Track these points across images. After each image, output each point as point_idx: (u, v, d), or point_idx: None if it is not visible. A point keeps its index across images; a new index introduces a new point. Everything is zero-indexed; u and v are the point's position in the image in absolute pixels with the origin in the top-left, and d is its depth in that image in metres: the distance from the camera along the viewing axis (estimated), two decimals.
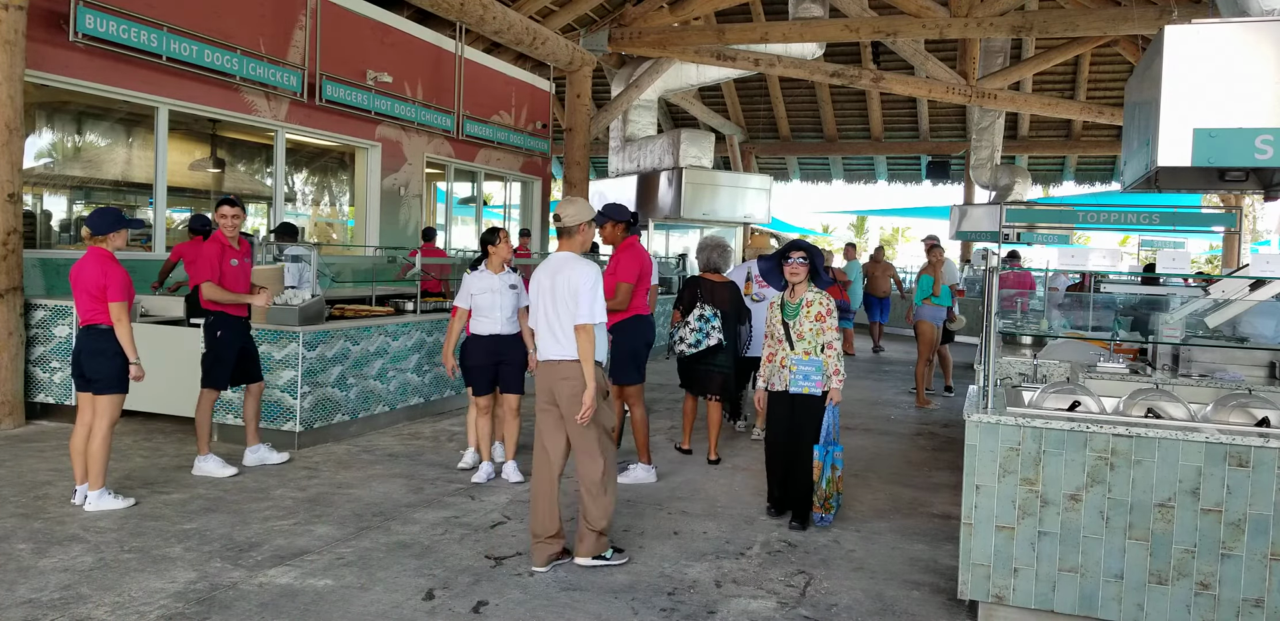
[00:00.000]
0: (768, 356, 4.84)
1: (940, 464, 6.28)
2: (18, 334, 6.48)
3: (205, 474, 5.34)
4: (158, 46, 7.74)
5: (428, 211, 12.49)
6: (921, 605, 3.73)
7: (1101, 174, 20.69)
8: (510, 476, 5.43)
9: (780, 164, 23.07)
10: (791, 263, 4.69)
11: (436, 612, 3.46)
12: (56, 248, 7.85)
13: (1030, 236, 14.88)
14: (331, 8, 9.99)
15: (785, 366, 4.70)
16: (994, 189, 17.18)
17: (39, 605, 3.40)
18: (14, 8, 6.20)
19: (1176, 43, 3.25)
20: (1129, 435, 3.21)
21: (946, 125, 20.13)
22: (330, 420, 6.30)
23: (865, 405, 8.75)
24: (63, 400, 6.64)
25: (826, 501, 4.65)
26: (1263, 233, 26.77)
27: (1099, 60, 16.90)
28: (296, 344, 5.97)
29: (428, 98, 11.61)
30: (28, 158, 6.80)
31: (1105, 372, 4.70)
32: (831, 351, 4.68)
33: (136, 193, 8.68)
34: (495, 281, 5.32)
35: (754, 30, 13.04)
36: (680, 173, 15.05)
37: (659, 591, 3.76)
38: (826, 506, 4.66)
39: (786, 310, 4.75)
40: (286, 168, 10.12)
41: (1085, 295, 6.47)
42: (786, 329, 4.70)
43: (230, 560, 3.94)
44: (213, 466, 5.37)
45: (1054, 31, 11.84)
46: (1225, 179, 3.95)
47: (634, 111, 16.39)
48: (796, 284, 4.73)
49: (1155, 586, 3.20)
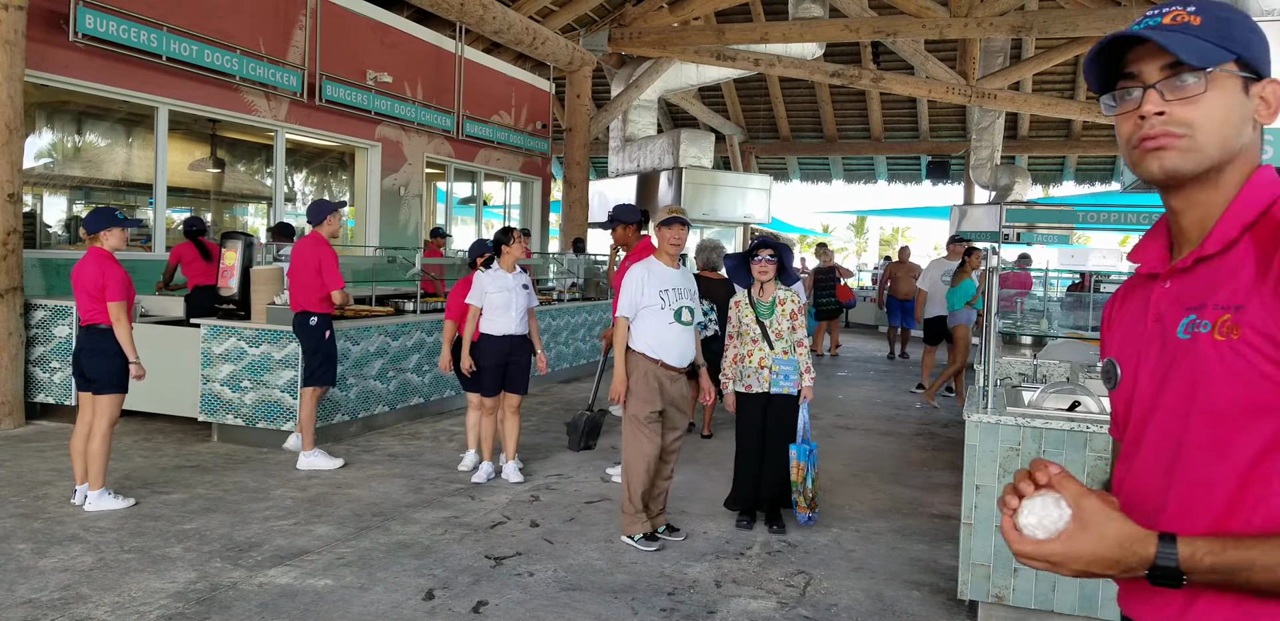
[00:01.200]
0: (735, 357, 4.68)
1: (940, 464, 6.28)
2: (18, 334, 6.48)
3: (312, 467, 5.54)
4: (157, 46, 7.74)
5: (428, 211, 12.48)
6: (921, 605, 3.73)
7: (1101, 174, 20.69)
8: (510, 476, 5.43)
9: (780, 164, 23.06)
10: (759, 260, 4.61)
11: (436, 612, 3.46)
12: (56, 248, 7.86)
13: (1030, 236, 14.91)
14: (331, 8, 9.99)
15: (765, 367, 4.59)
16: (994, 189, 17.18)
17: (39, 605, 3.40)
18: (14, 8, 6.20)
19: None
20: None
21: (946, 125, 20.13)
22: (330, 420, 6.30)
23: (865, 405, 8.75)
24: (63, 400, 6.64)
25: (813, 500, 4.63)
26: None
27: None
28: (296, 344, 5.96)
29: (428, 98, 11.61)
30: (28, 158, 6.80)
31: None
32: (803, 349, 4.65)
33: (136, 193, 8.69)
34: (509, 280, 5.33)
35: (754, 30, 13.04)
36: (680, 173, 15.05)
37: (659, 591, 3.76)
38: (813, 505, 4.64)
39: (760, 309, 4.64)
40: (286, 168, 10.12)
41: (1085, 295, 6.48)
42: (764, 328, 4.60)
43: (230, 560, 3.94)
44: (320, 460, 5.59)
45: (1054, 31, 11.83)
46: None
47: (634, 111, 16.39)
48: (765, 282, 4.65)
49: None
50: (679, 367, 4.32)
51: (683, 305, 4.32)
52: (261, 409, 6.07)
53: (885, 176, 22.67)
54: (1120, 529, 0.97)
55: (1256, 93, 1.11)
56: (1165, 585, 0.97)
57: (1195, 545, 0.95)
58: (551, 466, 5.88)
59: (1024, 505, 1.02)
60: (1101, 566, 0.98)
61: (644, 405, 4.26)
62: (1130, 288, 1.29)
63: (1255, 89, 1.11)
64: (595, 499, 5.14)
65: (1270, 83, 1.11)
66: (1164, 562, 0.96)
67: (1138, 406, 1.16)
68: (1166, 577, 0.96)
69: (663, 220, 4.38)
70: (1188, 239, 1.15)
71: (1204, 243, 1.10)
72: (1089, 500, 0.99)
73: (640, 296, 4.26)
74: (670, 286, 4.30)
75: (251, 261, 6.36)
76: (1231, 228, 1.08)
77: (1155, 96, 1.09)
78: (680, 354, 4.31)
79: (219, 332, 6.18)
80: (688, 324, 4.33)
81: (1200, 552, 0.95)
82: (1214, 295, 1.05)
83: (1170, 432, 1.09)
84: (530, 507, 4.92)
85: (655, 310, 4.25)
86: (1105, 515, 0.98)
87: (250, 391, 6.09)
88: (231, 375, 6.13)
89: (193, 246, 7.60)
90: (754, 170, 21.53)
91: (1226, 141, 1.08)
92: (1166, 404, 1.09)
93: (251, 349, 6.09)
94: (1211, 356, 1.03)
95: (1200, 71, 1.07)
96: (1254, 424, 1.01)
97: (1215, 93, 1.08)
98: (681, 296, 4.33)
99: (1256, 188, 1.10)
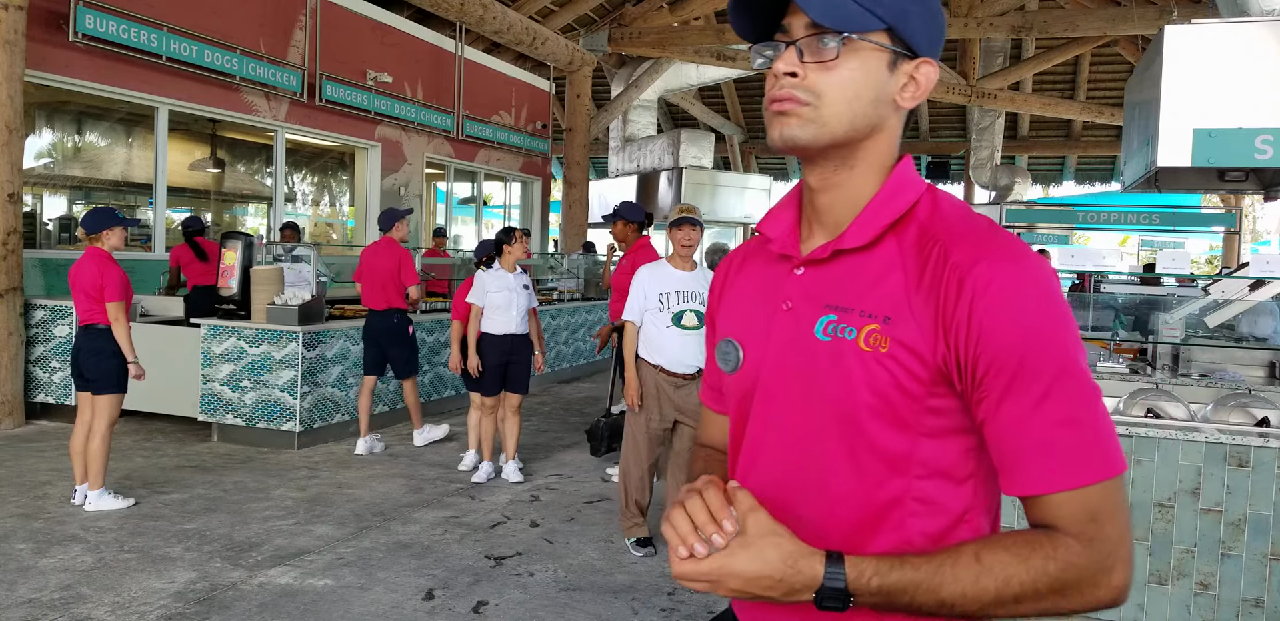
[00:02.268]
0: None
1: None
2: (18, 334, 6.48)
3: (430, 440, 6.42)
4: (157, 46, 7.74)
5: (428, 211, 12.49)
6: None
7: (1101, 174, 20.70)
8: (510, 476, 5.43)
9: (780, 164, 23.07)
10: None
11: (436, 612, 3.46)
12: (56, 248, 7.86)
13: (1030, 236, 14.90)
14: (331, 8, 9.99)
15: None
16: (994, 189, 17.19)
17: (39, 605, 3.40)
18: (14, 8, 6.20)
19: (1176, 43, 3.25)
20: (1129, 435, 3.21)
21: (946, 125, 20.14)
22: (330, 420, 6.30)
23: None
24: (63, 400, 6.64)
25: None
26: (1263, 233, 26.78)
27: (1099, 60, 16.90)
28: (296, 344, 5.97)
29: (428, 98, 11.61)
30: (28, 158, 6.80)
31: (1105, 372, 4.70)
32: None
33: (136, 193, 8.69)
34: (510, 280, 5.33)
35: None
36: (680, 173, 15.06)
37: (659, 591, 3.76)
38: None
39: None
40: (286, 168, 10.12)
41: (1085, 295, 6.46)
42: None
43: (230, 560, 3.94)
44: (435, 432, 6.46)
45: (1054, 31, 11.84)
46: (1225, 179, 3.95)
47: (634, 111, 16.39)
48: None
49: (1155, 586, 3.20)
50: (680, 373, 4.20)
51: (687, 308, 4.18)
52: (261, 409, 6.07)
53: None
54: (785, 546, 0.89)
55: (907, 71, 0.99)
56: (831, 608, 0.90)
57: (863, 566, 0.89)
58: (551, 466, 5.88)
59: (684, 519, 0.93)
60: (762, 586, 0.90)
61: (647, 415, 4.22)
62: (750, 255, 1.16)
63: (906, 67, 0.99)
64: (595, 499, 5.14)
65: (925, 63, 0.99)
66: (832, 583, 0.88)
67: (763, 399, 1.05)
68: (834, 599, 0.89)
69: (672, 220, 4.23)
70: (821, 221, 1.05)
71: (844, 235, 1.00)
72: (756, 515, 0.91)
73: (642, 299, 4.22)
74: (674, 289, 4.19)
75: (251, 261, 6.36)
76: (874, 224, 0.99)
77: (792, 56, 0.97)
78: (676, 358, 4.19)
79: (219, 332, 6.17)
80: (690, 328, 4.18)
81: (868, 574, 0.88)
82: (860, 300, 0.97)
83: (804, 436, 1.01)
84: (530, 507, 4.92)
85: (654, 314, 4.20)
86: (771, 530, 0.90)
87: (250, 391, 6.09)
88: (231, 375, 6.13)
89: (189, 248, 7.58)
90: (754, 170, 21.54)
91: (855, 118, 0.97)
92: (800, 405, 1.01)
93: (251, 349, 6.08)
94: (855, 366, 0.95)
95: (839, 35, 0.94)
96: (893, 437, 0.96)
97: (852, 62, 0.96)
98: (687, 299, 4.18)
99: (900, 184, 1.01)
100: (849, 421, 0.97)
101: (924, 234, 0.98)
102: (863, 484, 0.98)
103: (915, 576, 0.88)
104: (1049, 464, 0.90)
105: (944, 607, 0.89)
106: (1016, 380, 0.90)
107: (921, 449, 0.97)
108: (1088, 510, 0.90)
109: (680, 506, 0.93)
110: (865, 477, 0.98)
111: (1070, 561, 0.89)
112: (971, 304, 0.91)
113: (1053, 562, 0.89)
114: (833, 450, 0.99)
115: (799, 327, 1.01)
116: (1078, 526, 0.90)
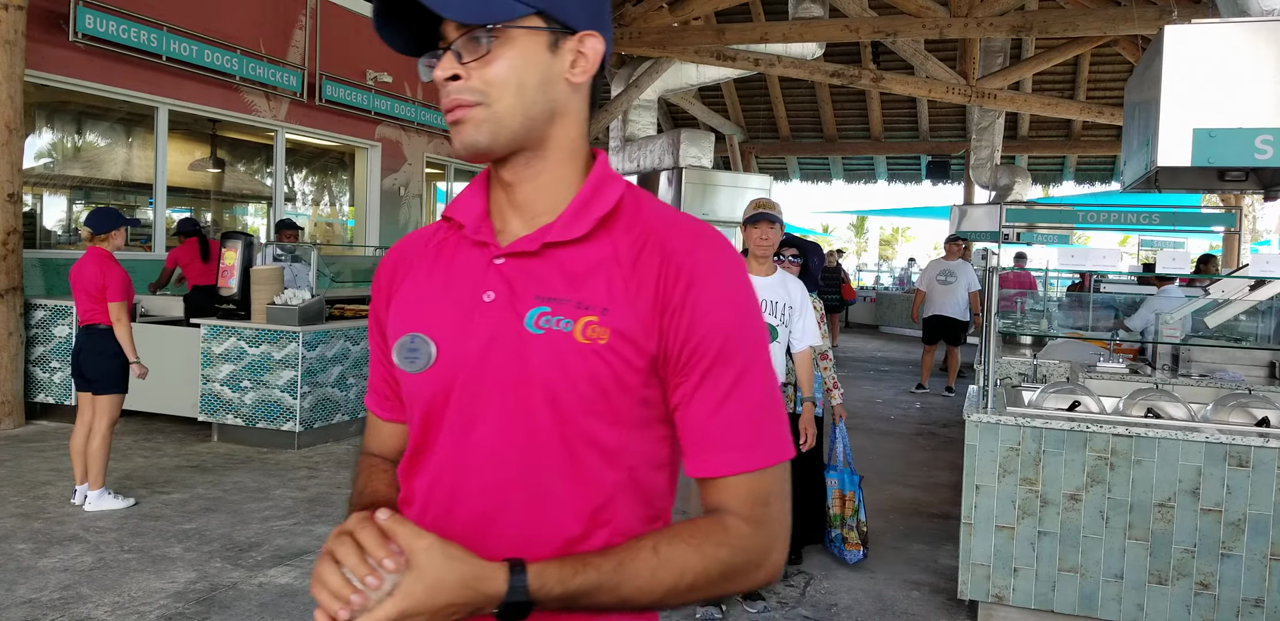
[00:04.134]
0: None
1: (940, 464, 6.28)
2: (18, 334, 6.48)
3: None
4: (157, 46, 7.74)
5: (428, 211, 12.49)
6: (921, 605, 3.73)
7: (1101, 174, 20.68)
8: None
9: (780, 164, 23.06)
10: (781, 261, 4.00)
11: None
12: (56, 247, 7.86)
13: (1030, 236, 14.89)
14: (331, 8, 9.99)
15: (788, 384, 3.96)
16: (994, 189, 17.18)
17: (39, 605, 3.40)
18: (14, 8, 6.20)
19: (1176, 43, 3.25)
20: (1129, 435, 3.22)
21: (946, 125, 20.13)
22: (330, 420, 6.30)
23: (865, 405, 8.75)
24: (63, 400, 6.64)
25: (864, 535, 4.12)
26: (1263, 232, 26.79)
27: (1099, 60, 16.90)
28: (296, 344, 5.97)
29: (428, 98, 11.61)
30: (28, 158, 6.80)
31: (1105, 372, 4.70)
32: (827, 362, 4.14)
33: (136, 193, 8.68)
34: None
35: (754, 30, 13.04)
36: (680, 173, 15.06)
37: None
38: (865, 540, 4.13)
39: None
40: (286, 167, 10.13)
41: (1085, 295, 6.47)
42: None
43: (230, 560, 3.94)
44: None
45: (1054, 31, 11.84)
46: (1225, 179, 3.94)
47: (634, 111, 16.39)
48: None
49: (1155, 586, 3.20)
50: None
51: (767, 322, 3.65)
52: (261, 409, 6.07)
53: (885, 176, 22.67)
54: (463, 570, 0.83)
55: (571, 48, 0.96)
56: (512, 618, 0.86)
57: (545, 575, 0.85)
58: None
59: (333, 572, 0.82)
60: (448, 614, 0.83)
61: None
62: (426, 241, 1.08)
63: (570, 44, 0.96)
64: None
65: (588, 36, 0.96)
66: (514, 598, 0.84)
67: (464, 398, 0.97)
68: (515, 611, 0.85)
69: (748, 218, 3.70)
70: (520, 212, 1.01)
71: (552, 227, 0.97)
72: (422, 542, 0.82)
73: None
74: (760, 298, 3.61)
75: (251, 261, 6.36)
76: (585, 217, 0.97)
77: (450, 60, 0.94)
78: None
79: (219, 332, 6.17)
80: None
81: (550, 582, 0.85)
82: (575, 291, 0.94)
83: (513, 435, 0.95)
84: None
85: None
86: (445, 555, 0.83)
87: (250, 391, 6.09)
88: (231, 375, 6.13)
89: (190, 247, 7.58)
90: (754, 170, 21.53)
91: (527, 107, 0.95)
92: (510, 402, 0.95)
93: (251, 349, 6.09)
94: (573, 358, 0.92)
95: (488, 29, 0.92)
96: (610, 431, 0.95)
97: (509, 52, 0.93)
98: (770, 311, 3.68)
99: (603, 178, 1.00)
100: (565, 416, 0.94)
101: (634, 226, 0.98)
102: (579, 479, 0.95)
103: (597, 577, 0.87)
104: (736, 446, 0.93)
105: (624, 603, 0.90)
106: (716, 364, 0.93)
107: (635, 440, 0.97)
108: (761, 492, 0.94)
109: (328, 557, 0.83)
110: (582, 473, 0.95)
111: (741, 546, 0.92)
112: (688, 288, 0.93)
113: (724, 548, 0.91)
114: (547, 447, 0.95)
115: (506, 320, 0.96)
116: (750, 508, 0.93)
